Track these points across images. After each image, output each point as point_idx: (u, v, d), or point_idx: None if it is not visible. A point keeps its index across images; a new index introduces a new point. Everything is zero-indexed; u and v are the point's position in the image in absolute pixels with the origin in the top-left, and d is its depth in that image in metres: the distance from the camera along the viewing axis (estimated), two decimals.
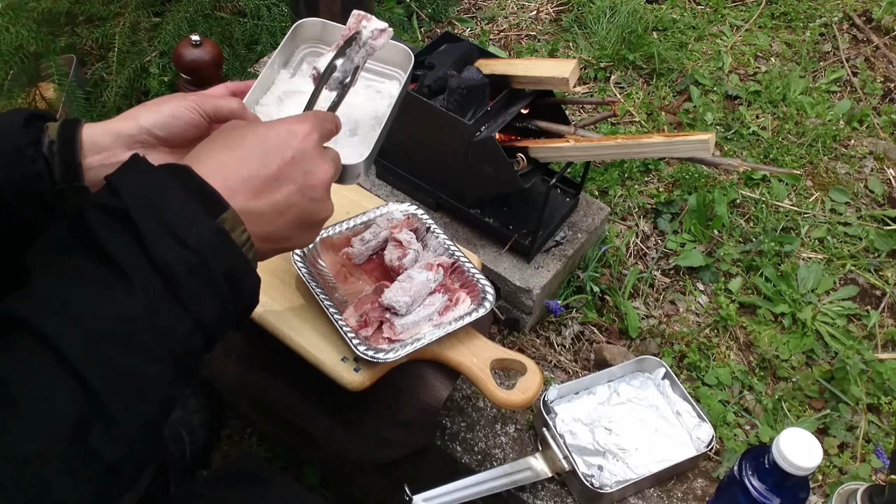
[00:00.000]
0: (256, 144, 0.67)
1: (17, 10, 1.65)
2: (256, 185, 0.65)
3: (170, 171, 0.61)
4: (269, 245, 0.66)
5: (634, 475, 1.12)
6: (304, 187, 0.68)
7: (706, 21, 2.12)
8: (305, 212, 0.68)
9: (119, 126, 0.79)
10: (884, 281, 1.51)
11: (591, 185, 1.63)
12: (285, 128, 0.69)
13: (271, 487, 0.86)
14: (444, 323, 1.00)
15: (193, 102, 0.80)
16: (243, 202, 0.63)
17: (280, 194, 0.66)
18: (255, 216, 0.64)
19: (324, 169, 0.70)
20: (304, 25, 1.00)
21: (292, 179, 0.67)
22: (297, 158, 0.67)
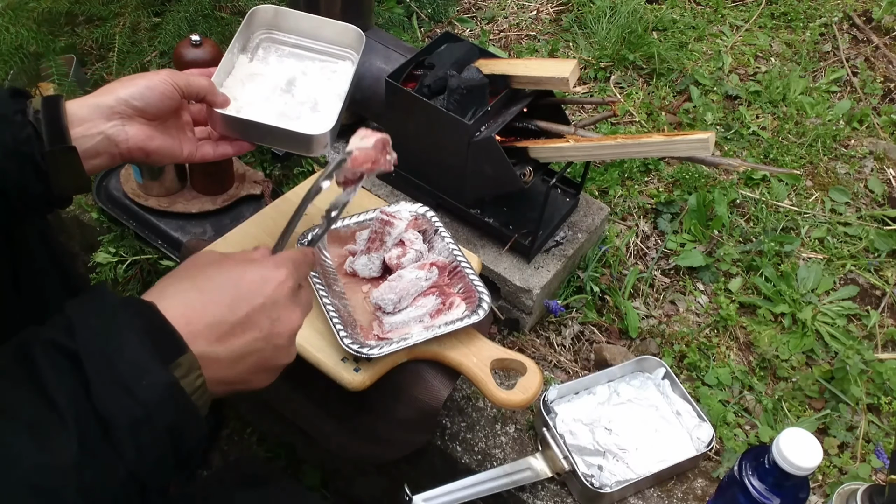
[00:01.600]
0: (227, 288, 0.65)
1: (17, 10, 1.65)
2: (221, 331, 0.63)
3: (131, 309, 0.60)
4: (223, 388, 0.64)
5: (634, 475, 1.12)
6: (270, 335, 0.66)
7: (706, 21, 2.12)
8: (266, 358, 0.67)
9: (98, 99, 0.84)
10: (884, 281, 1.51)
11: (591, 185, 1.63)
12: (260, 274, 0.67)
13: (271, 487, 0.86)
14: (434, 326, 1.00)
15: (167, 75, 0.87)
16: (204, 347, 0.61)
17: (242, 340, 0.64)
18: (213, 361, 0.62)
19: (293, 317, 0.68)
20: (257, 12, 1.09)
21: (258, 326, 0.65)
22: (266, 306, 0.66)
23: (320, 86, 1.05)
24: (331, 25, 1.09)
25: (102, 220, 1.46)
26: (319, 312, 1.01)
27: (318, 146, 0.94)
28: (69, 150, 0.82)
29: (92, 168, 0.86)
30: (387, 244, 1.08)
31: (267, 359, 0.67)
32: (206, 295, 0.64)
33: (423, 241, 1.10)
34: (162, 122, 0.92)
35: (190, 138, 0.97)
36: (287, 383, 1.11)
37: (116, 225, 1.45)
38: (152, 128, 0.90)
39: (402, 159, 1.41)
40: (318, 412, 1.10)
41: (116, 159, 0.88)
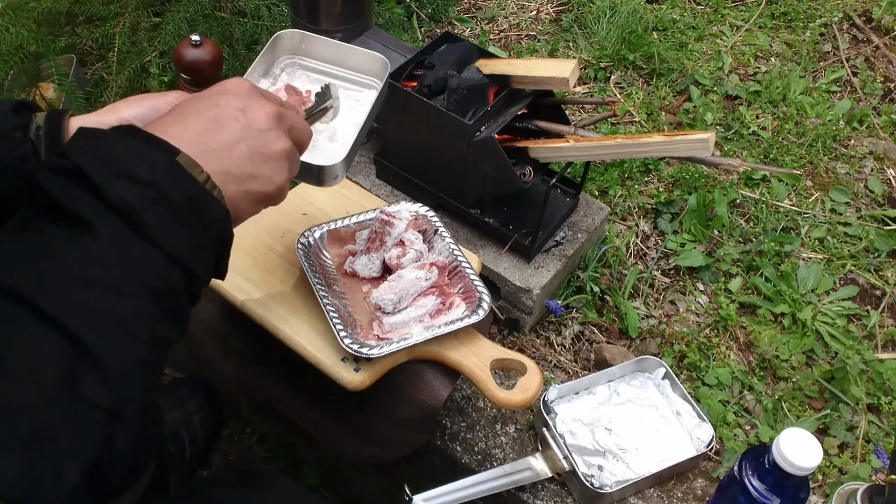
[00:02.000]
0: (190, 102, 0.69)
1: (17, 10, 1.65)
2: (198, 129, 0.66)
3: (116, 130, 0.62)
4: (235, 186, 0.66)
5: (634, 475, 1.12)
6: (247, 122, 0.68)
7: (706, 21, 2.12)
8: (256, 143, 0.68)
9: (100, 118, 0.81)
10: (884, 281, 1.51)
11: (591, 185, 1.63)
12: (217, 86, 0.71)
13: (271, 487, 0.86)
14: (434, 326, 0.99)
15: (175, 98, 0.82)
16: (188, 144, 0.63)
17: (225, 131, 0.67)
18: (206, 154, 0.64)
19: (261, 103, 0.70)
20: (282, 37, 1.04)
21: (232, 117, 0.68)
22: (230, 100, 0.69)
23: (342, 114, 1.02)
24: (356, 53, 1.05)
25: None
26: (319, 312, 1.01)
27: (329, 178, 0.90)
28: None
29: None
30: (387, 244, 1.08)
31: (258, 145, 0.68)
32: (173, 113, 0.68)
33: (423, 241, 1.10)
34: None
35: None
36: (287, 383, 1.12)
37: None
38: None
39: (402, 159, 1.42)
40: (318, 412, 1.10)
41: None
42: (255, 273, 1.07)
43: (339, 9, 1.47)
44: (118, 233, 0.56)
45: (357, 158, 1.52)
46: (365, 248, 1.09)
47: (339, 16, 1.48)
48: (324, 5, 1.46)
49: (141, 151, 0.60)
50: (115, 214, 0.57)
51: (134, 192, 0.57)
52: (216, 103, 0.68)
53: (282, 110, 0.72)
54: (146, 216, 0.57)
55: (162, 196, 0.58)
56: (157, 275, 0.58)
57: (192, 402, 1.36)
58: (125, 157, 0.59)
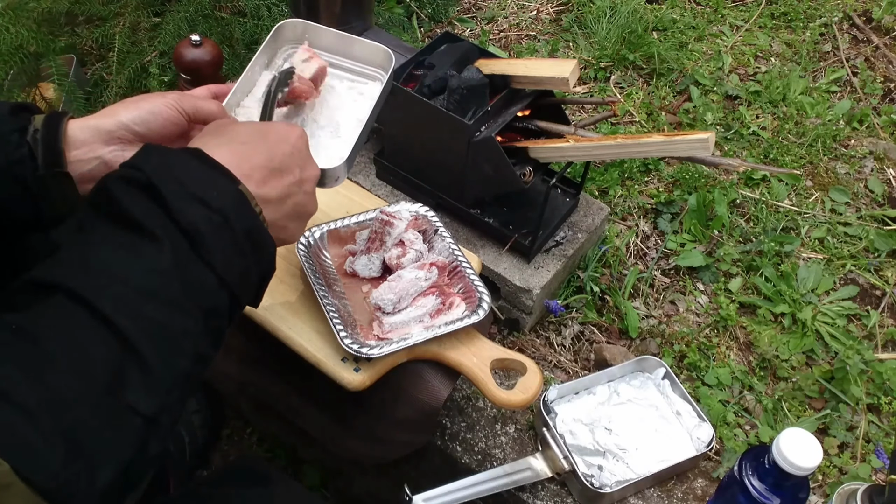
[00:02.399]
0: (259, 138, 0.71)
1: (17, 10, 1.65)
2: (265, 174, 0.68)
3: (185, 151, 0.65)
4: (272, 233, 0.69)
5: (634, 475, 1.12)
6: (301, 180, 0.72)
7: (706, 21, 2.12)
8: (300, 204, 0.72)
9: (98, 121, 0.80)
10: (884, 281, 1.51)
11: (591, 185, 1.63)
12: (282, 126, 0.74)
13: (271, 487, 0.86)
14: (434, 326, 0.99)
15: (173, 100, 0.82)
16: (254, 188, 0.66)
17: (282, 183, 0.70)
18: (263, 201, 0.67)
19: (314, 166, 0.76)
20: (285, 27, 1.01)
21: (292, 172, 0.71)
22: (294, 154, 0.72)
23: (345, 107, 0.99)
24: (361, 44, 1.02)
25: None
26: (319, 312, 1.01)
27: (330, 179, 0.88)
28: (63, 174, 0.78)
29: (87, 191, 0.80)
30: (387, 244, 1.08)
31: (300, 204, 0.73)
32: (243, 145, 0.70)
33: (423, 241, 1.10)
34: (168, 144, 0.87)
35: None
36: (287, 383, 1.12)
37: None
38: None
39: (402, 159, 1.42)
40: (318, 412, 1.10)
41: None
42: None
43: (340, 9, 1.47)
44: (181, 250, 0.59)
45: (357, 158, 1.52)
46: (365, 248, 1.09)
47: (339, 15, 1.48)
48: (324, 5, 1.46)
49: (211, 177, 0.63)
50: (181, 232, 0.59)
51: (201, 216, 0.60)
52: (283, 153, 0.71)
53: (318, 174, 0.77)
54: (209, 240, 0.60)
55: (226, 224, 0.61)
56: (210, 296, 0.60)
57: (192, 402, 1.36)
58: (197, 182, 0.62)
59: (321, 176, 0.88)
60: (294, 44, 1.03)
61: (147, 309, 0.56)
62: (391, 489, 1.25)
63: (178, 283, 0.58)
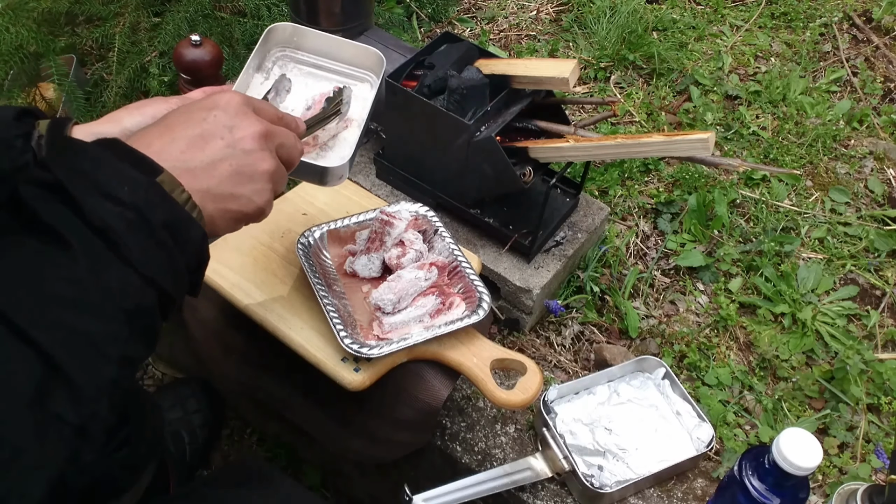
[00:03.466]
0: (179, 114, 0.69)
1: (17, 10, 1.65)
2: (182, 145, 0.66)
3: (98, 144, 0.62)
4: (214, 204, 0.66)
5: (634, 475, 1.12)
6: (233, 140, 0.68)
7: (706, 21, 2.12)
8: (240, 164, 0.68)
9: (101, 128, 0.79)
10: (884, 281, 1.51)
11: (591, 185, 1.63)
12: (207, 99, 0.71)
13: (271, 487, 0.86)
14: (434, 326, 0.99)
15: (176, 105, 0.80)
16: (171, 160, 0.63)
17: (208, 149, 0.67)
18: (187, 172, 0.64)
19: (250, 122, 0.70)
20: (275, 30, 1.02)
21: (217, 135, 0.68)
22: (219, 117, 0.69)
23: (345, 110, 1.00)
24: (351, 47, 1.03)
25: None
26: (319, 312, 1.01)
27: (333, 178, 0.90)
28: None
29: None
30: (387, 244, 1.08)
31: (242, 165, 0.68)
32: (160, 125, 0.68)
33: (423, 241, 1.10)
34: None
35: None
36: (287, 383, 1.12)
37: None
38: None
39: (402, 159, 1.41)
40: (318, 412, 1.10)
41: None
42: (255, 273, 1.07)
43: (340, 9, 1.47)
44: (96, 253, 0.56)
45: (357, 158, 1.52)
46: (365, 248, 1.09)
47: (339, 16, 1.48)
48: (324, 5, 1.47)
49: (123, 170, 0.60)
50: (94, 234, 0.56)
51: (114, 213, 0.57)
52: (204, 118, 0.68)
53: (270, 128, 0.72)
54: (125, 238, 0.57)
55: (142, 218, 0.58)
56: (133, 296, 0.58)
57: (192, 402, 1.36)
58: (107, 175, 0.59)
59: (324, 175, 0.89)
60: (283, 46, 1.04)
61: (64, 319, 0.54)
62: (391, 489, 1.25)
63: (95, 288, 0.55)
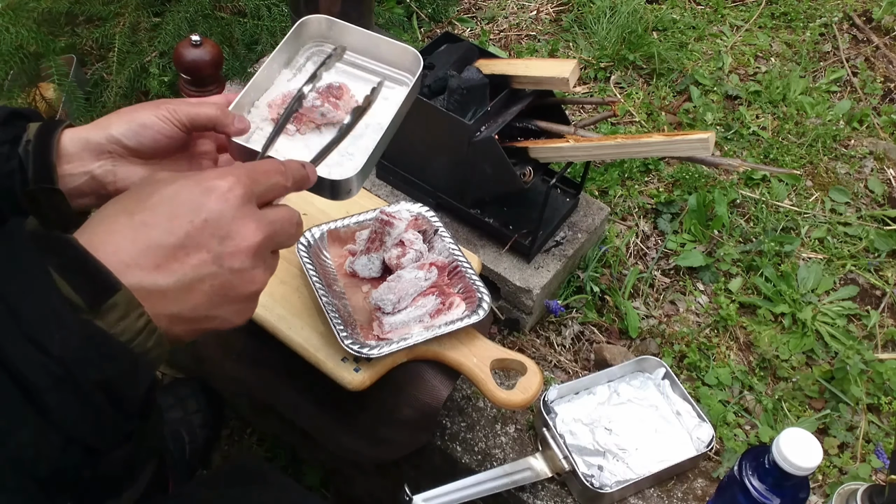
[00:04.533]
0: (161, 206, 0.56)
1: (17, 10, 1.65)
2: (157, 256, 0.54)
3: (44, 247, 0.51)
4: (182, 327, 0.56)
5: (634, 475, 1.12)
6: (221, 255, 0.56)
7: (706, 21, 2.12)
8: (224, 285, 0.56)
9: (88, 134, 0.75)
10: (884, 281, 1.51)
11: (591, 185, 1.63)
12: (199, 186, 0.57)
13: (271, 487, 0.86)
14: (434, 326, 0.99)
15: (166, 111, 0.75)
16: (139, 278, 0.52)
17: (188, 265, 0.55)
18: (155, 294, 0.53)
19: (248, 231, 0.57)
20: (309, 22, 0.94)
21: (204, 247, 0.55)
22: (210, 221, 0.56)
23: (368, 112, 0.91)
24: (388, 44, 0.94)
25: None
26: (319, 312, 1.01)
27: (342, 192, 0.81)
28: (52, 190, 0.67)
29: (80, 206, 0.77)
30: (386, 244, 1.08)
31: (225, 285, 0.56)
32: (136, 217, 0.55)
33: (423, 241, 1.10)
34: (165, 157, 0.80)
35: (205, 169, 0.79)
36: (287, 383, 1.12)
37: None
38: (148, 166, 0.78)
39: (402, 159, 1.41)
40: (318, 412, 1.10)
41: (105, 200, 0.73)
42: None
43: (340, 9, 1.47)
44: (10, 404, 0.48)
45: None
46: (365, 248, 1.09)
47: (338, 15, 1.46)
48: (324, 5, 1.46)
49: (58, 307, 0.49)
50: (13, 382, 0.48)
51: (38, 363, 0.48)
52: (191, 221, 0.55)
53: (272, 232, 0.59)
54: (47, 396, 0.48)
55: (68, 377, 0.48)
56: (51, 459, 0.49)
57: (192, 402, 1.36)
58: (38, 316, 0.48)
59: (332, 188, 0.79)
60: (319, 40, 0.96)
61: None
62: (391, 489, 1.25)
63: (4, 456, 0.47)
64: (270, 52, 1.70)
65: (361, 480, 1.31)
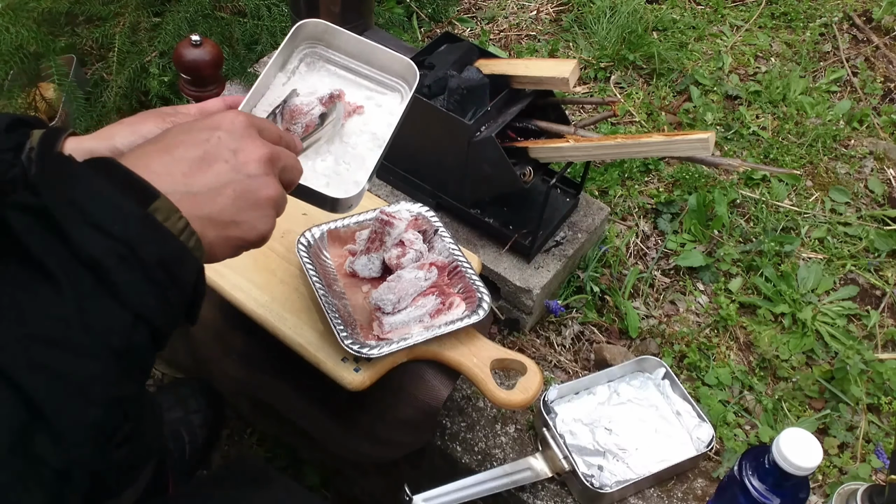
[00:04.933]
0: (180, 133, 0.65)
1: (17, 10, 1.65)
2: (183, 167, 0.62)
3: (91, 165, 0.58)
4: (215, 231, 0.63)
5: (634, 475, 1.12)
6: (237, 164, 0.64)
7: (706, 21, 2.12)
8: (244, 189, 0.64)
9: (93, 144, 0.77)
10: (884, 281, 1.51)
11: (591, 185, 1.63)
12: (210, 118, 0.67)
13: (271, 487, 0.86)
14: (433, 326, 0.99)
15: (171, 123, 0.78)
16: (171, 184, 0.60)
17: (210, 173, 0.63)
18: (188, 197, 0.60)
19: (255, 146, 0.67)
20: (305, 26, 0.95)
21: (221, 157, 0.64)
22: (222, 137, 0.65)
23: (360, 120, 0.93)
24: (383, 53, 0.95)
25: None
26: (319, 312, 1.01)
27: (343, 207, 0.84)
28: None
29: None
30: (386, 244, 1.08)
31: (245, 190, 0.64)
32: (159, 143, 0.64)
33: (423, 241, 1.10)
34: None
35: None
36: (287, 383, 1.12)
37: None
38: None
39: (402, 159, 1.41)
40: (318, 412, 1.10)
41: None
42: (255, 273, 1.07)
43: (340, 9, 1.47)
44: (83, 289, 0.53)
45: None
46: (365, 248, 1.09)
47: (339, 16, 1.48)
48: (324, 5, 1.46)
49: (115, 199, 0.56)
50: (84, 267, 0.53)
51: (104, 246, 0.54)
52: (206, 139, 0.64)
53: (275, 151, 0.68)
54: (115, 274, 0.54)
55: (133, 254, 0.55)
56: (123, 335, 0.54)
57: (192, 402, 1.36)
58: (99, 204, 0.55)
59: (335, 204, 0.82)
60: (312, 41, 0.97)
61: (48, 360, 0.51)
62: (391, 489, 1.25)
63: (81, 327, 0.52)
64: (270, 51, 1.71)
65: (361, 480, 1.31)
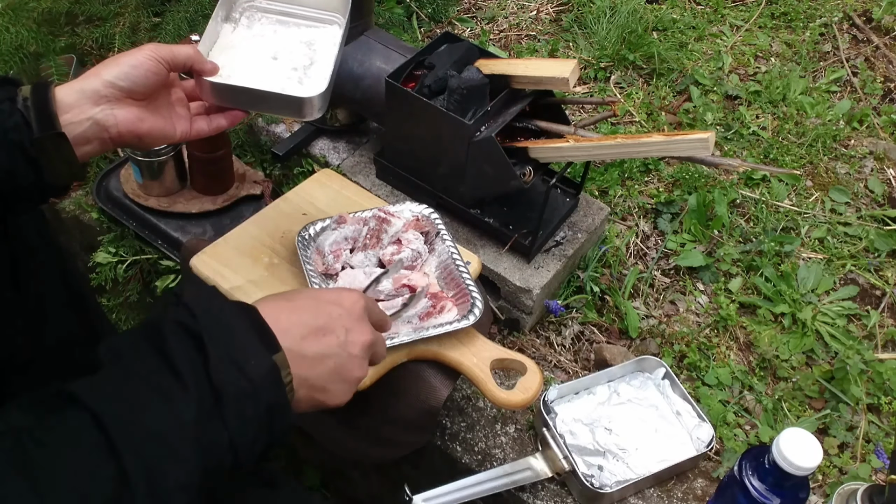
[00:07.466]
0: (310, 299, 0.76)
1: (17, 10, 1.65)
2: (305, 331, 0.71)
3: (237, 307, 0.69)
4: (306, 391, 0.71)
5: (634, 475, 1.12)
6: (345, 342, 0.74)
7: (706, 21, 2.12)
8: (342, 365, 0.73)
9: (84, 83, 0.83)
10: (884, 281, 1.51)
11: (591, 185, 1.63)
12: (337, 291, 0.79)
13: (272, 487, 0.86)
14: (422, 328, 1.00)
15: (150, 51, 0.86)
16: (290, 342, 0.69)
17: (323, 343, 0.72)
18: (299, 358, 0.69)
19: (364, 331, 0.76)
20: None
21: (335, 333, 0.73)
22: (343, 316, 0.75)
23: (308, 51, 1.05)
24: None
25: (102, 220, 1.46)
26: None
27: (310, 109, 0.94)
28: (58, 136, 0.81)
29: (84, 154, 0.86)
30: (383, 241, 1.08)
31: (343, 366, 0.73)
32: (292, 303, 0.74)
33: (424, 242, 1.10)
34: (152, 101, 0.90)
35: (182, 116, 0.95)
36: None
37: (116, 225, 1.45)
38: (142, 109, 0.88)
39: (402, 159, 1.41)
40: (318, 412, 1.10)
41: (108, 144, 0.87)
42: (255, 273, 1.07)
43: None
44: (206, 405, 0.61)
45: (357, 158, 1.52)
46: (362, 244, 1.09)
47: None
48: None
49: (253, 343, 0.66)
50: (211, 388, 0.62)
51: (232, 378, 0.63)
52: (329, 313, 0.74)
53: (376, 338, 0.78)
54: (232, 403, 0.62)
55: (252, 394, 0.64)
56: (216, 455, 0.62)
57: None
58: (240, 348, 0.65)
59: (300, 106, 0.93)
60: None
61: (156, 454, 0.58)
62: (391, 489, 1.25)
63: (192, 441, 0.60)
64: None
65: (361, 481, 1.31)
